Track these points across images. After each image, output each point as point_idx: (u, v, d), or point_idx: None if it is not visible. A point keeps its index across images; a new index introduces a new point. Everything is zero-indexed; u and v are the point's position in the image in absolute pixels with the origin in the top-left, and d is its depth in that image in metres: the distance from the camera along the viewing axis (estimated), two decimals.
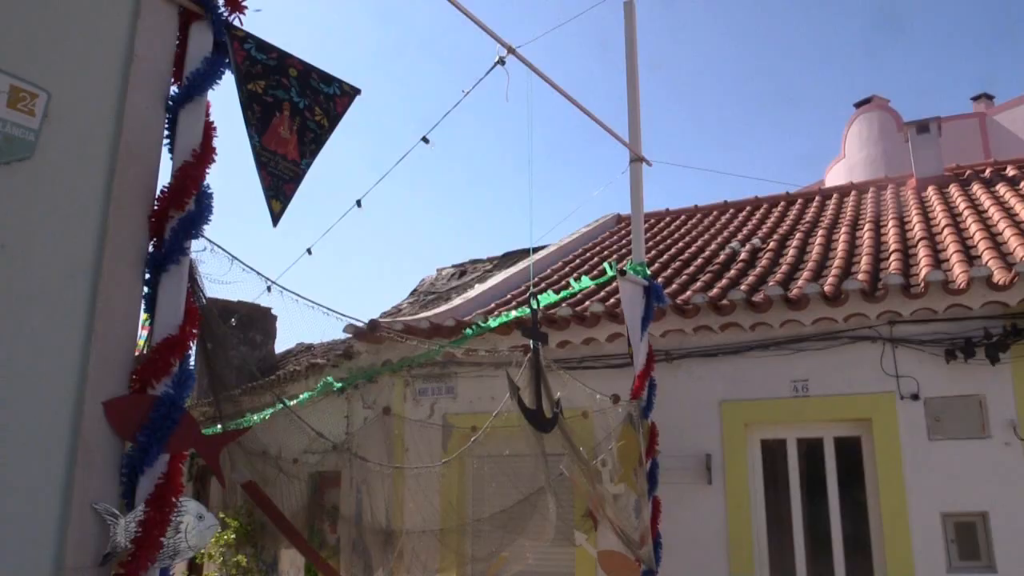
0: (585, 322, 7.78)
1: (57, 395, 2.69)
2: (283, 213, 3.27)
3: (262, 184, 3.23)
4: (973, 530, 6.59)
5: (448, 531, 7.40)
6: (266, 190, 3.25)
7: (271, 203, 3.25)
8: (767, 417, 7.35)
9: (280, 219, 3.27)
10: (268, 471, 6.78)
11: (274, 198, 3.25)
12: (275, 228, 3.25)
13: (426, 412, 8.53)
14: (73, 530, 2.64)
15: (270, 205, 3.25)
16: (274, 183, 3.27)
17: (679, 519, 7.19)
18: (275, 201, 3.25)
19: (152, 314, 2.95)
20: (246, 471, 4.91)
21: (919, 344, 6.91)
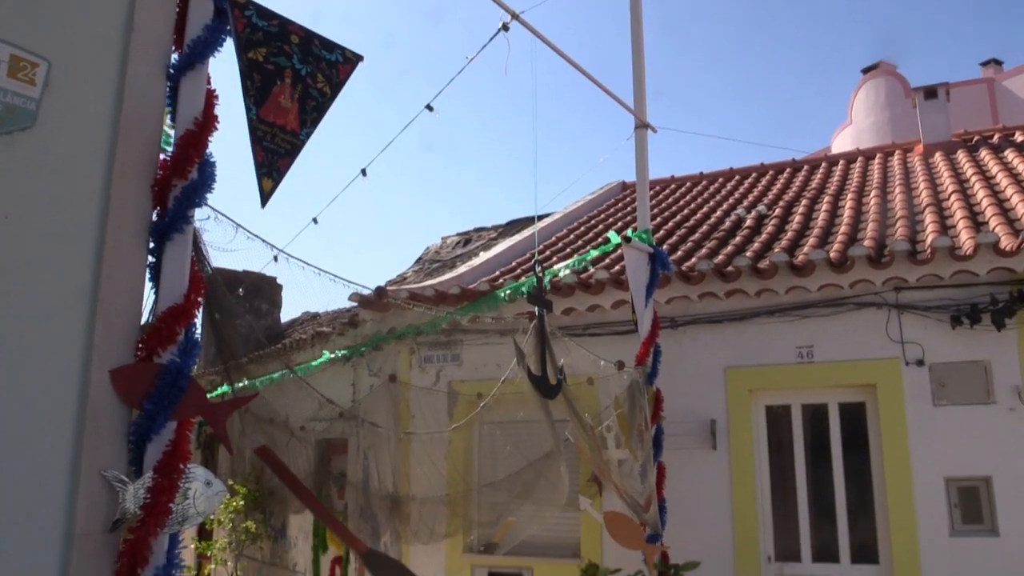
0: (590, 289, 7.78)
1: (64, 364, 2.71)
2: (273, 192, 3.24)
3: (255, 160, 3.20)
4: (976, 494, 6.63)
5: (455, 497, 7.47)
6: (258, 167, 3.22)
7: (262, 181, 3.22)
8: (772, 383, 7.37)
9: (269, 199, 3.24)
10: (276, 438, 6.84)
11: (266, 175, 3.23)
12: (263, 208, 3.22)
13: (432, 379, 8.56)
14: (82, 497, 2.67)
15: (261, 183, 3.22)
16: (268, 159, 3.24)
17: (684, 484, 7.25)
18: (267, 179, 3.23)
19: (157, 283, 2.96)
20: (259, 436, 4.94)
21: (924, 310, 6.90)
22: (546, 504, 7.39)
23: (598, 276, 7.74)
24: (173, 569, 2.78)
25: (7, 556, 2.52)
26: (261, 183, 3.24)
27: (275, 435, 6.80)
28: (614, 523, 6.57)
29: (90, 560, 2.67)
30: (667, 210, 11.47)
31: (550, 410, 6.25)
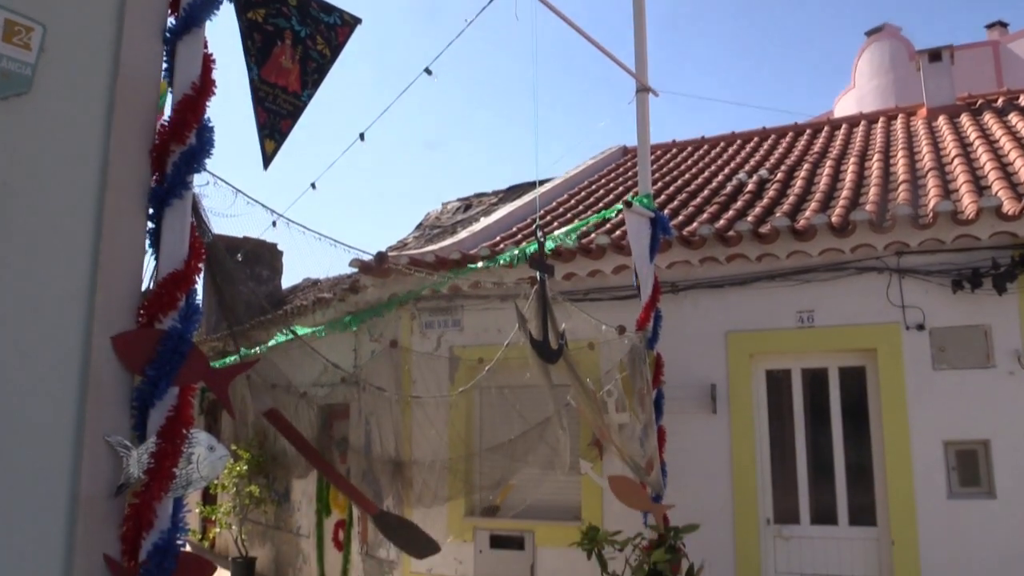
0: (591, 254, 7.77)
1: (65, 330, 2.71)
2: (275, 154, 3.22)
3: (257, 122, 3.18)
4: (974, 458, 6.67)
5: (456, 461, 7.53)
6: (260, 128, 3.20)
7: (264, 143, 3.20)
8: (772, 348, 7.39)
9: (271, 161, 3.22)
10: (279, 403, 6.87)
11: (268, 137, 3.21)
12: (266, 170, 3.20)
13: (433, 345, 8.59)
14: (87, 462, 2.69)
15: (263, 145, 3.20)
16: (270, 120, 3.22)
17: (684, 448, 7.30)
18: (269, 141, 3.21)
19: (157, 249, 2.95)
20: (268, 399, 4.96)
21: (926, 275, 6.90)
22: (547, 467, 7.45)
23: (599, 241, 7.73)
24: (178, 533, 2.81)
25: (14, 520, 2.54)
26: (263, 145, 3.22)
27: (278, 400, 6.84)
28: (619, 486, 6.62)
29: (96, 524, 2.70)
30: (668, 175, 11.42)
31: (550, 375, 6.28)
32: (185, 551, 2.82)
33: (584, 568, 7.27)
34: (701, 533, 6.70)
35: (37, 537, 2.59)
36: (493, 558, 8.06)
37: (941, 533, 6.57)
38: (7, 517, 2.53)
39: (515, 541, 8.00)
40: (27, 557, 2.57)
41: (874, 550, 6.89)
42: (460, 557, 8.18)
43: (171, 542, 2.76)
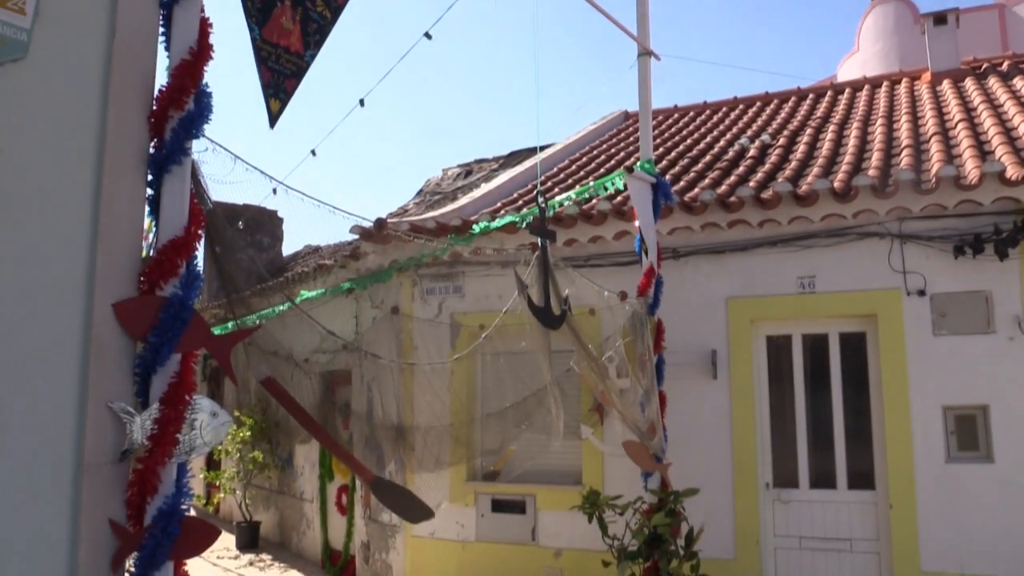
0: (592, 220, 7.76)
1: (66, 298, 2.72)
2: (281, 113, 3.20)
3: (261, 81, 3.16)
4: (973, 422, 6.71)
5: (458, 426, 7.57)
6: (265, 88, 3.18)
7: (270, 102, 3.18)
8: (773, 313, 7.39)
9: (278, 120, 3.20)
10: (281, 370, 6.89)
11: (273, 96, 3.19)
12: (272, 129, 3.19)
13: (434, 311, 8.60)
14: (90, 428, 2.70)
15: (268, 104, 3.18)
16: (274, 79, 3.19)
17: (684, 413, 7.34)
18: (274, 100, 3.19)
19: (156, 216, 2.95)
20: (265, 368, 4.97)
21: (927, 240, 6.89)
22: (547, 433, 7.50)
23: (600, 207, 7.70)
24: (182, 498, 2.84)
25: (20, 486, 2.56)
26: (269, 104, 3.20)
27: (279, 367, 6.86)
28: (633, 450, 6.66)
29: (101, 489, 2.72)
30: (670, 140, 11.35)
31: (549, 341, 6.30)
32: (189, 515, 2.84)
33: (585, 531, 7.36)
34: (701, 497, 6.77)
35: (43, 502, 2.62)
36: (495, 522, 8.15)
37: (939, 497, 6.63)
38: (13, 483, 2.55)
39: (516, 505, 8.08)
40: (33, 522, 2.59)
41: (872, 514, 6.96)
42: (462, 521, 8.27)
43: (175, 506, 2.79)
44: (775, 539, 7.21)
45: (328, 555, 10.39)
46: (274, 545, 12.21)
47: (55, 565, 2.62)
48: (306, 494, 11.33)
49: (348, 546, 9.85)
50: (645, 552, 6.41)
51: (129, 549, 2.75)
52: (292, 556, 11.40)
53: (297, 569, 10.52)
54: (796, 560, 7.13)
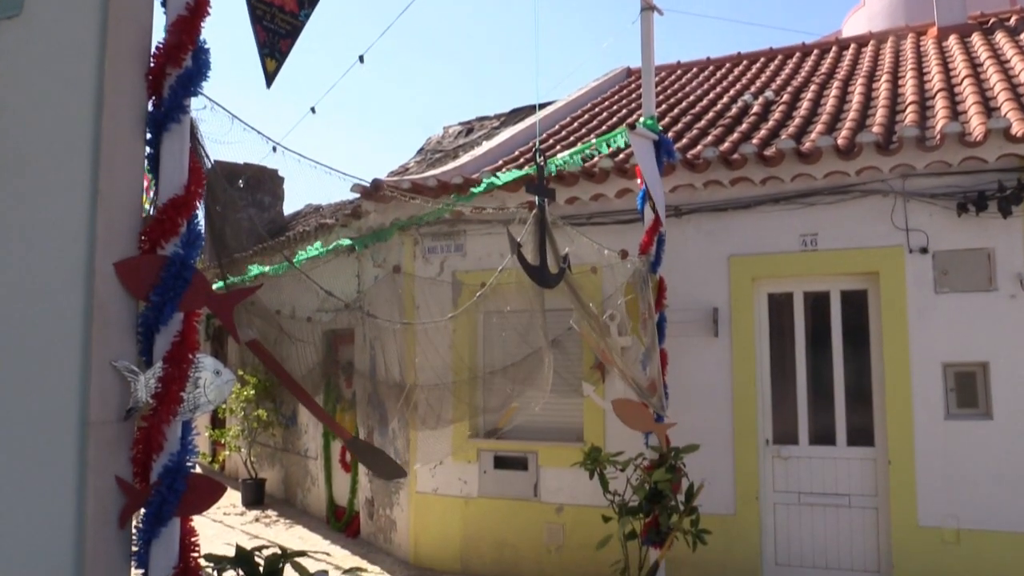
0: (594, 178, 7.72)
1: (68, 257, 2.72)
2: (278, 73, 3.17)
3: (256, 40, 3.12)
4: (973, 379, 6.74)
5: (460, 384, 7.62)
6: (260, 47, 3.14)
7: (265, 62, 3.15)
8: (775, 271, 7.39)
9: (274, 79, 3.17)
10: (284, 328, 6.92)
11: (269, 56, 3.15)
12: (269, 89, 3.16)
13: (435, 270, 8.61)
14: (95, 387, 2.72)
15: (264, 64, 3.15)
16: (269, 39, 3.16)
17: (685, 371, 7.38)
18: (270, 59, 3.15)
19: (156, 175, 2.94)
20: (250, 330, 5.02)
21: (931, 198, 6.85)
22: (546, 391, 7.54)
23: (602, 164, 7.66)
24: (188, 455, 2.87)
25: (27, 445, 2.59)
26: (264, 64, 3.17)
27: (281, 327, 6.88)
28: (622, 408, 6.73)
29: (107, 447, 2.75)
30: (673, 97, 11.25)
31: (543, 300, 6.33)
32: (195, 472, 2.88)
33: (586, 488, 7.44)
34: (701, 453, 6.83)
35: (50, 461, 2.65)
36: (497, 478, 8.24)
37: (937, 453, 6.68)
38: (20, 443, 2.57)
39: (519, 462, 8.16)
40: (41, 480, 2.63)
41: (871, 470, 7.02)
42: (465, 477, 8.36)
43: (181, 464, 2.82)
44: (774, 495, 7.29)
45: (333, 511, 10.52)
46: (279, 501, 12.37)
47: (63, 521, 2.66)
48: (310, 451, 11.44)
49: (352, 502, 9.97)
50: (646, 508, 6.49)
51: (136, 505, 2.78)
52: (297, 512, 11.56)
53: (302, 525, 10.67)
54: (795, 515, 7.22)
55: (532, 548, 8.01)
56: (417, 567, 8.47)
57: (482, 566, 8.22)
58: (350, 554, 9.04)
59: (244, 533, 10.15)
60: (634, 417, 6.67)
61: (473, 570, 8.25)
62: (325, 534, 10.09)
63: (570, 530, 7.83)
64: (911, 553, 6.67)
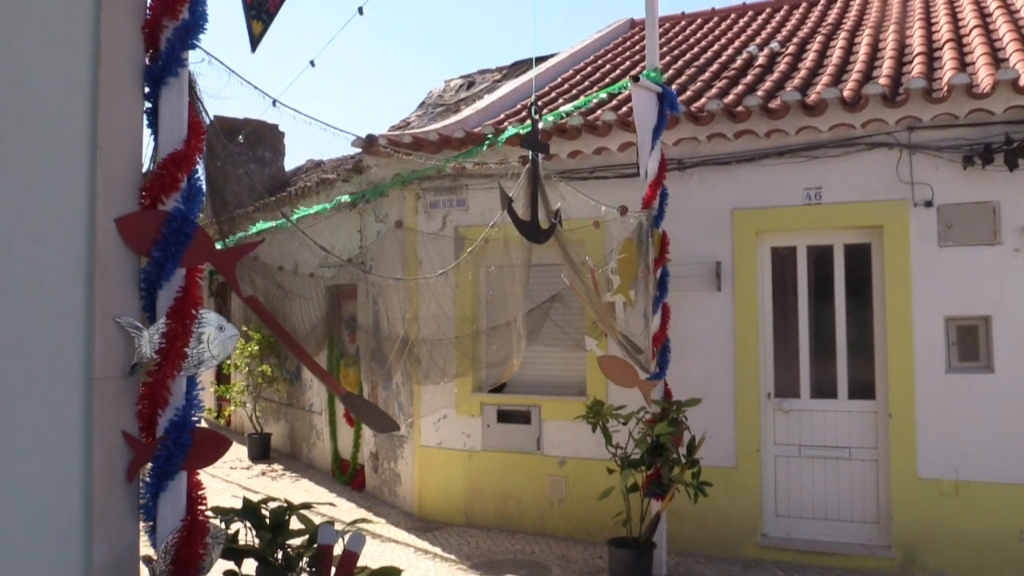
0: (596, 131, 7.65)
1: (68, 214, 2.70)
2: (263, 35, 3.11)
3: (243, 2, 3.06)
4: (975, 333, 6.75)
5: (463, 339, 7.64)
6: (247, 8, 3.09)
7: (252, 24, 3.09)
8: (778, 225, 7.36)
9: (259, 42, 3.11)
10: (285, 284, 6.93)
11: (255, 18, 3.10)
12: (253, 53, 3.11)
13: (438, 224, 8.58)
14: (99, 343, 2.73)
15: (250, 27, 3.10)
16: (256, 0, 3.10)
17: (688, 325, 7.39)
18: (256, 22, 3.10)
19: (155, 130, 2.91)
20: (247, 287, 5.05)
21: (937, 150, 6.79)
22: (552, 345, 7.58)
23: (605, 118, 7.59)
24: (193, 409, 2.89)
25: (33, 400, 2.60)
26: (250, 26, 3.12)
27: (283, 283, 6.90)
28: (608, 365, 6.77)
29: (112, 402, 2.77)
30: (677, 48, 11.11)
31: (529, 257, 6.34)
32: (201, 427, 2.90)
33: (588, 441, 7.51)
34: (703, 407, 6.88)
35: (56, 417, 2.66)
36: (500, 432, 8.31)
37: (938, 406, 6.72)
38: (26, 400, 2.59)
39: (522, 415, 8.22)
40: (48, 436, 2.65)
41: (872, 422, 7.07)
42: (468, 431, 8.43)
43: (186, 418, 2.85)
44: (775, 447, 7.35)
45: (338, 465, 10.64)
46: (285, 456, 12.50)
47: (71, 476, 2.69)
48: (315, 406, 11.53)
49: (356, 456, 10.08)
50: (647, 460, 6.55)
51: (143, 460, 2.81)
52: (303, 466, 11.69)
53: (308, 479, 10.79)
54: (796, 467, 7.28)
55: (535, 501, 8.11)
56: (421, 519, 8.59)
57: (485, 518, 8.33)
58: (355, 506, 9.16)
59: (250, 487, 10.28)
60: (619, 374, 6.73)
61: (477, 522, 8.36)
62: (331, 487, 10.21)
63: (572, 483, 7.91)
64: (909, 504, 6.75)
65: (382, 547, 7.69)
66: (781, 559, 7.13)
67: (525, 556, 7.43)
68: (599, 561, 7.18)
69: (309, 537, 3.19)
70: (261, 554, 3.06)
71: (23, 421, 2.58)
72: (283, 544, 3.12)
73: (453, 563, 7.24)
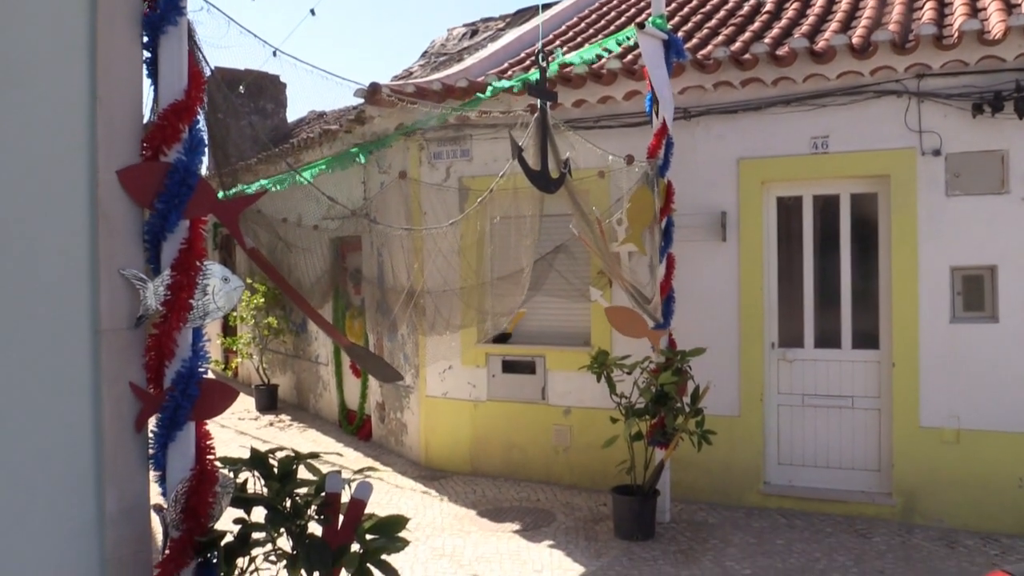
0: (601, 80, 7.56)
1: (70, 165, 2.69)
2: None
3: None
4: (980, 283, 6.73)
5: (468, 290, 7.66)
6: None
7: None
8: (785, 174, 7.30)
9: None
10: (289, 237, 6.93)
11: None
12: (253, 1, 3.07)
13: (442, 175, 8.54)
14: (104, 295, 2.74)
15: None
16: None
17: (693, 275, 7.39)
18: None
19: (155, 80, 2.89)
20: (250, 238, 5.04)
21: (946, 98, 6.70)
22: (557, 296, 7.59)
23: (610, 66, 7.49)
24: (199, 361, 2.91)
25: (42, 352, 2.62)
26: None
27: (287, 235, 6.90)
28: (616, 315, 6.80)
29: (119, 354, 2.79)
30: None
31: (541, 207, 6.32)
32: (207, 378, 2.92)
33: (593, 390, 7.57)
34: (708, 356, 6.91)
35: (65, 369, 2.69)
36: (506, 382, 8.36)
37: (941, 355, 6.73)
38: (35, 353, 2.61)
39: (527, 366, 8.27)
40: (57, 389, 2.67)
41: (875, 372, 7.10)
42: (474, 381, 8.49)
43: (193, 369, 2.87)
44: (779, 396, 7.39)
45: (345, 415, 10.75)
46: (292, 407, 12.63)
47: (81, 427, 2.72)
48: (321, 358, 11.60)
49: (363, 407, 10.17)
50: (652, 409, 6.60)
51: (151, 410, 2.84)
52: (310, 417, 11.81)
53: (315, 429, 10.91)
54: (799, 416, 7.34)
55: (540, 450, 8.19)
56: (428, 468, 8.70)
57: (491, 467, 8.43)
58: (362, 456, 9.27)
59: (258, 437, 10.40)
60: (627, 324, 6.76)
61: (483, 471, 8.47)
62: (338, 437, 10.33)
63: (577, 432, 7.99)
64: (911, 452, 6.80)
65: (389, 495, 7.80)
66: (783, 506, 7.22)
67: (530, 503, 7.54)
68: (603, 508, 7.29)
69: (317, 486, 3.23)
70: (270, 502, 3.11)
71: (32, 374, 2.60)
72: (291, 492, 3.17)
73: (460, 510, 7.35)
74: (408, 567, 5.95)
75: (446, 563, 6.13)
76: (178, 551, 2.80)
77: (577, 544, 6.46)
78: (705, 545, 6.41)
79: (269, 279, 5.73)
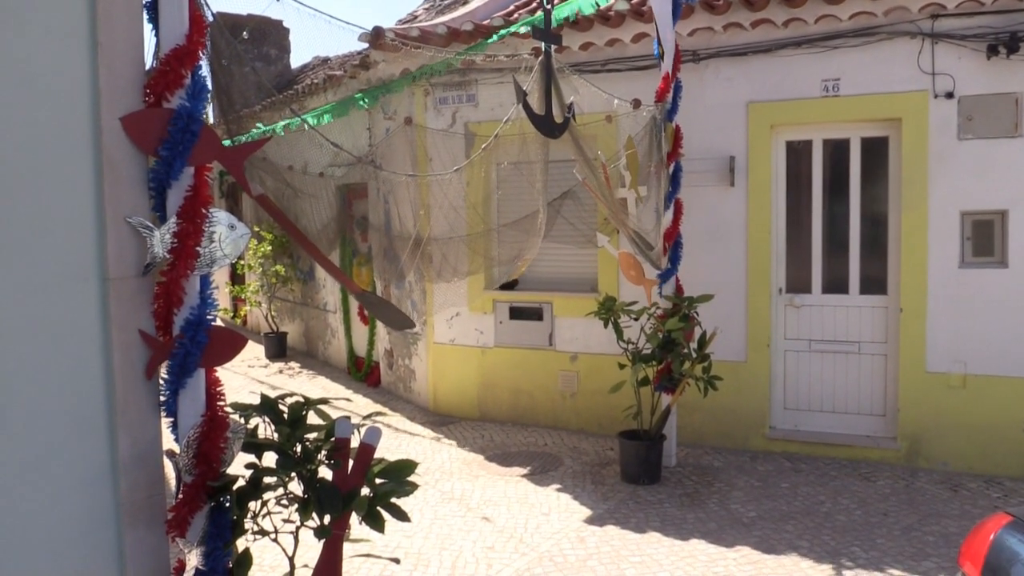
0: (609, 22, 7.43)
1: (73, 113, 2.67)
2: None
3: None
4: (990, 228, 6.68)
5: (475, 237, 7.64)
6: None
7: None
8: (794, 118, 7.21)
9: None
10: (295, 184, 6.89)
11: None
12: None
13: (448, 121, 8.46)
14: (111, 243, 2.74)
15: None
16: None
17: (700, 220, 7.35)
18: None
19: (156, 25, 2.84)
20: (258, 185, 5.01)
21: (960, 39, 6.58)
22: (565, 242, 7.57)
23: (618, 7, 7.36)
24: (208, 308, 2.92)
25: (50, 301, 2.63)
26: None
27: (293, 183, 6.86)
28: (627, 262, 6.82)
29: (128, 302, 2.80)
30: None
31: (547, 152, 6.25)
32: (216, 325, 2.93)
33: (600, 336, 7.60)
34: (715, 302, 6.91)
35: (74, 318, 2.70)
36: (513, 328, 8.39)
37: (949, 300, 6.72)
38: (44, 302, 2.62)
39: (534, 312, 8.29)
40: (67, 337, 2.69)
41: (882, 317, 7.10)
42: (481, 328, 8.52)
43: (202, 316, 2.88)
44: (785, 342, 7.41)
45: (353, 362, 10.83)
46: (301, 354, 12.72)
47: (92, 374, 2.75)
48: (329, 305, 11.65)
49: (371, 353, 10.24)
50: (659, 355, 6.63)
51: (161, 357, 2.86)
52: (319, 364, 11.91)
53: (325, 376, 11.01)
54: (805, 362, 7.36)
55: (547, 395, 8.26)
56: (436, 414, 8.79)
57: (499, 413, 8.52)
58: (371, 402, 9.37)
59: (268, 384, 10.50)
60: (631, 270, 6.80)
61: (490, 416, 8.55)
62: (347, 384, 10.42)
63: (584, 377, 8.04)
64: (917, 397, 6.83)
65: (398, 440, 7.90)
66: (788, 450, 7.29)
67: (538, 448, 7.63)
68: (610, 452, 7.37)
69: (326, 431, 3.26)
70: (280, 447, 3.14)
71: (42, 324, 2.62)
72: (301, 438, 3.20)
73: (468, 455, 7.44)
74: (418, 510, 6.05)
75: (455, 506, 6.23)
76: (191, 496, 2.84)
77: (584, 488, 6.55)
78: (711, 488, 6.48)
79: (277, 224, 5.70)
